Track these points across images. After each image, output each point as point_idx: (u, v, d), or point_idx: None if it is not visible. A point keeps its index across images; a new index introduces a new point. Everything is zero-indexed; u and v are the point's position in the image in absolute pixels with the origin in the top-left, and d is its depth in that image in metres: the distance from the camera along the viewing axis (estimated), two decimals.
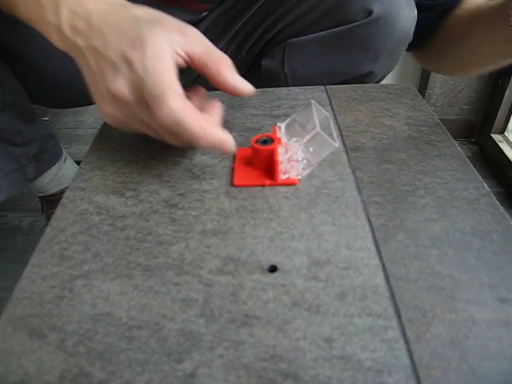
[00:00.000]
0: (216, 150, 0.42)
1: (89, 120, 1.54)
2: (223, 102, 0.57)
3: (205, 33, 0.80)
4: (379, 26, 0.63)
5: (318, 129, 0.41)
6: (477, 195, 0.42)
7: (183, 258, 0.38)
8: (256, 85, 0.79)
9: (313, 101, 0.45)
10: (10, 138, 0.72)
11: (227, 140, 0.41)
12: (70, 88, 0.84)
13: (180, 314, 0.34)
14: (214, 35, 0.78)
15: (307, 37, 0.69)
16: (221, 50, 0.81)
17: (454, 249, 0.37)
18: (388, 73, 0.72)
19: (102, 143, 0.54)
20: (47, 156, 0.82)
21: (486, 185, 0.43)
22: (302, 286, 0.35)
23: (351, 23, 0.64)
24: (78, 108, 1.00)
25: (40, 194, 0.98)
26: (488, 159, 1.30)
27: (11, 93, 0.71)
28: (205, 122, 0.40)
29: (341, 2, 0.64)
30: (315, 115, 0.43)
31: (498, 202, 0.41)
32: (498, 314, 0.32)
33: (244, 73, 0.84)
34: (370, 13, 0.62)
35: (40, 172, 0.84)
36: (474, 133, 1.37)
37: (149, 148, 0.52)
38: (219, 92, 0.60)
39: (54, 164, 0.87)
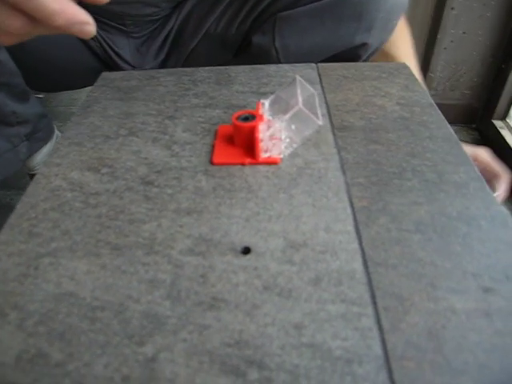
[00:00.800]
0: (75, 32, 0.36)
1: (84, 98, 1.52)
2: (209, 79, 0.55)
3: (192, 10, 0.78)
4: None
5: (300, 105, 0.39)
6: (466, 179, 0.40)
7: (154, 237, 0.36)
8: (247, 62, 0.77)
9: (298, 76, 0.43)
10: (3, 119, 0.71)
11: (88, 20, 0.37)
12: (62, 71, 0.82)
13: (146, 295, 0.32)
14: (203, 12, 0.76)
15: (297, 9, 0.66)
16: (210, 27, 0.80)
17: (439, 234, 0.35)
18: (382, 44, 0.70)
19: (83, 118, 0.52)
20: (39, 135, 0.81)
21: (476, 169, 0.41)
22: (275, 269, 0.33)
23: None
24: None
25: (31, 172, 0.97)
26: (489, 146, 1.28)
27: (6, 72, 0.69)
28: None
29: None
30: (299, 91, 0.40)
31: (488, 187, 0.39)
32: (480, 303, 0.30)
33: (235, 50, 0.82)
34: None
35: (32, 151, 0.83)
36: (475, 118, 1.34)
37: (129, 124, 0.50)
38: (206, 68, 0.58)
39: (46, 143, 0.86)
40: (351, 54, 0.70)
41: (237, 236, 0.36)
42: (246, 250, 0.34)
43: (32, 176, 0.98)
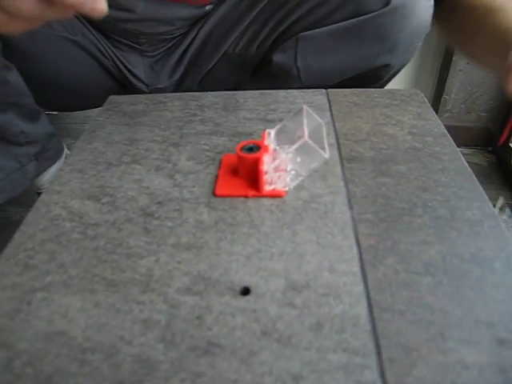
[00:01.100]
0: (86, 10, 0.33)
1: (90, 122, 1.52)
2: (217, 104, 0.54)
3: (212, 31, 0.78)
4: (397, 15, 0.59)
5: (306, 138, 0.37)
6: (480, 216, 0.38)
7: (151, 273, 0.35)
8: (266, 81, 0.76)
9: (304, 106, 0.41)
10: (12, 138, 0.71)
11: None
12: (75, 91, 0.82)
13: (139, 337, 0.31)
14: (222, 33, 0.75)
15: (321, 30, 0.65)
16: (229, 47, 0.79)
17: (450, 278, 0.33)
18: (404, 66, 0.69)
19: (87, 143, 0.52)
20: (48, 154, 0.81)
21: (491, 205, 0.39)
22: (275, 312, 0.31)
23: (368, 14, 0.60)
24: None
25: (38, 191, 0.96)
26: (505, 170, 1.25)
27: (16, 93, 0.69)
28: None
29: None
30: (305, 122, 0.39)
31: (504, 225, 0.37)
32: (494, 357, 0.28)
33: (253, 69, 0.81)
34: (387, 2, 0.58)
35: (40, 171, 0.83)
36: (492, 141, 1.31)
37: (133, 151, 0.49)
38: (214, 93, 0.58)
39: (55, 162, 0.85)
40: (373, 75, 0.69)
41: (236, 275, 0.34)
42: (246, 291, 0.33)
43: (40, 194, 0.98)
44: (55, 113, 1.49)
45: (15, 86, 0.69)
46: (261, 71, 0.82)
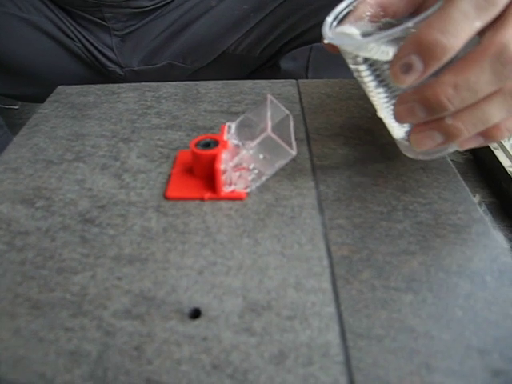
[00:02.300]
0: None
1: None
2: (176, 95, 0.49)
3: (210, 27, 0.71)
4: None
5: (269, 131, 0.32)
6: (467, 221, 0.34)
7: (85, 292, 0.29)
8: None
9: (269, 95, 0.36)
10: None
11: None
12: (35, 78, 0.75)
13: (63, 374, 0.25)
14: (222, 31, 0.70)
15: None
16: (229, 47, 0.73)
17: (435, 295, 0.28)
18: None
19: (26, 139, 0.45)
20: None
21: (479, 208, 0.35)
22: (230, 340, 0.26)
23: None
24: None
25: None
26: (482, 167, 1.22)
27: None
28: None
29: None
30: (269, 114, 0.34)
31: (493, 231, 0.33)
32: None
33: (252, 71, 0.76)
34: None
35: None
36: None
37: (78, 147, 0.43)
38: (173, 83, 0.52)
39: None
40: None
41: (185, 294, 0.29)
42: (196, 313, 0.28)
43: None
44: (16, 107, 1.41)
45: None
46: (260, 72, 0.77)
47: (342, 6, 0.34)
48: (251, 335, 0.26)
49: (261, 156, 0.34)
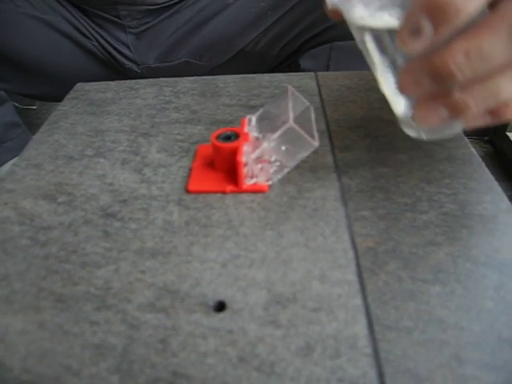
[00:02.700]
0: None
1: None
2: (194, 90, 0.48)
3: (227, 25, 0.71)
4: None
5: (292, 122, 0.32)
6: (494, 211, 0.33)
7: (109, 286, 0.29)
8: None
9: (290, 87, 0.36)
10: None
11: None
12: (52, 77, 0.76)
13: (89, 367, 0.25)
14: (239, 29, 0.69)
15: None
16: (247, 45, 0.73)
17: (464, 286, 0.28)
18: None
19: (46, 135, 0.46)
20: (8, 145, 0.75)
21: (506, 197, 0.34)
22: (255, 333, 0.26)
23: None
24: None
25: None
26: (503, 160, 1.20)
27: None
28: None
29: None
30: (290, 105, 0.34)
31: None
32: None
33: (272, 69, 0.76)
34: None
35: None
36: (489, 131, 1.26)
37: (98, 143, 0.43)
38: (191, 78, 0.52)
39: (17, 155, 0.80)
40: None
41: (209, 287, 0.28)
42: (220, 306, 0.27)
43: None
44: (34, 107, 1.42)
45: None
46: (279, 71, 0.77)
47: None
48: (277, 327, 0.26)
49: (283, 148, 0.33)
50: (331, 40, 0.65)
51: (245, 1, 0.68)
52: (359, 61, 0.63)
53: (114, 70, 0.76)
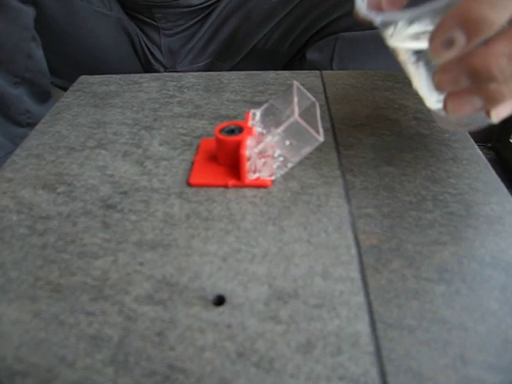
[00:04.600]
0: None
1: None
2: (198, 85, 0.48)
3: (240, 24, 0.71)
4: None
5: (297, 116, 0.31)
6: (500, 212, 0.32)
7: (106, 277, 0.29)
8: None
9: (295, 82, 0.35)
10: (15, 116, 0.67)
11: None
12: (105, 69, 0.76)
13: (83, 358, 0.24)
14: (252, 27, 0.70)
15: (363, 32, 0.60)
16: (259, 42, 0.73)
17: (469, 286, 0.27)
18: None
19: (48, 126, 0.45)
20: None
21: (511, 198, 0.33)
22: (255, 328, 0.25)
23: None
24: None
25: None
26: (505, 166, 1.20)
27: (34, 70, 0.65)
28: None
29: None
30: (296, 100, 0.33)
31: None
32: None
33: (283, 64, 0.76)
34: None
35: None
36: (492, 137, 1.26)
37: (99, 134, 0.43)
38: (196, 73, 0.51)
39: None
40: None
41: (209, 280, 0.28)
42: (220, 300, 0.27)
43: None
44: None
45: (36, 63, 0.65)
46: (290, 68, 0.77)
47: None
48: (277, 323, 0.25)
49: (287, 142, 0.33)
50: (337, 31, 0.65)
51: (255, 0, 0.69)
52: (363, 52, 0.62)
53: (142, 68, 0.78)
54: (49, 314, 0.27)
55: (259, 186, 0.34)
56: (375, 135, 0.40)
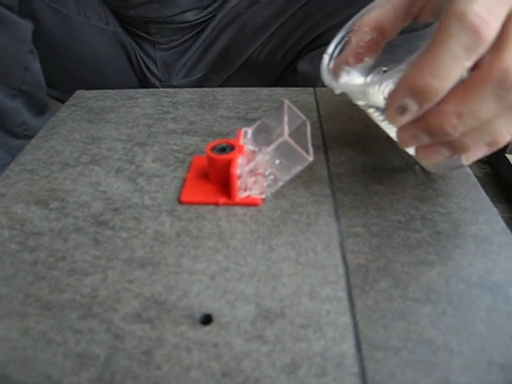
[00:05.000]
0: None
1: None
2: (192, 101, 0.49)
3: (235, 36, 0.73)
4: None
5: (286, 136, 0.31)
6: (489, 232, 0.33)
7: (95, 294, 0.29)
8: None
9: (286, 100, 0.36)
10: (12, 128, 0.67)
11: None
12: (102, 83, 0.77)
13: (70, 377, 0.24)
14: (246, 39, 0.71)
15: None
16: (251, 55, 0.74)
17: (455, 307, 0.27)
18: None
19: (43, 141, 0.45)
20: None
21: (500, 219, 0.34)
22: (241, 348, 0.25)
23: (410, 32, 0.55)
24: None
25: None
26: (501, 181, 1.20)
27: (31, 82, 0.66)
28: None
29: None
30: (286, 119, 0.33)
31: None
32: None
33: (276, 76, 0.77)
34: (428, 24, 0.53)
35: None
36: None
37: (93, 150, 0.43)
38: (190, 89, 0.52)
39: None
40: None
41: (197, 299, 0.28)
42: (207, 319, 0.27)
43: None
44: None
45: (34, 75, 0.66)
46: (283, 80, 0.77)
47: (335, 41, 0.35)
48: (263, 343, 0.25)
49: (277, 161, 0.33)
50: (328, 43, 0.65)
51: (253, 9, 0.69)
52: None
53: (138, 83, 0.78)
54: (37, 331, 0.27)
55: (249, 204, 0.35)
56: (366, 153, 0.41)
